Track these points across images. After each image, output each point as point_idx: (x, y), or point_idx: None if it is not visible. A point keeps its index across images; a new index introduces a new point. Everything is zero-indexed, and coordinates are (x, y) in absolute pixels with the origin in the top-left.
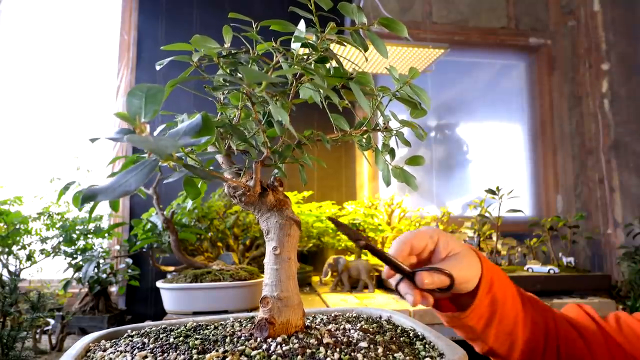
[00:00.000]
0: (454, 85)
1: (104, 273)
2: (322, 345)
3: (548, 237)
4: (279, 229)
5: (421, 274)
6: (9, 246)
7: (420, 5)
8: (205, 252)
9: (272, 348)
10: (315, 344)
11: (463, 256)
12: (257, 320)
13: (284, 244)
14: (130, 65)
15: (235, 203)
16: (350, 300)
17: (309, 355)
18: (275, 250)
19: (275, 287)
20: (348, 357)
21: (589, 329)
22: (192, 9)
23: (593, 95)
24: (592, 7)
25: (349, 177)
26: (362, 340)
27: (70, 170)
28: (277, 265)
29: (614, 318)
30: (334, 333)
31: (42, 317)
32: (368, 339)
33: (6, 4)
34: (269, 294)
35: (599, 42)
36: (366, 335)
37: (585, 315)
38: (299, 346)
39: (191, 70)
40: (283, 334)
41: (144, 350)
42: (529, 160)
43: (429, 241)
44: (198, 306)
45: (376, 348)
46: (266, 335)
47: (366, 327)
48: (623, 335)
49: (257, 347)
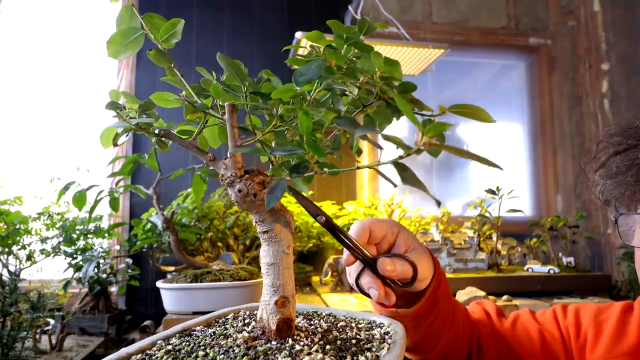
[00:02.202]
0: (454, 85)
1: (104, 273)
2: (318, 344)
3: (548, 237)
4: (284, 229)
5: (384, 260)
6: (9, 246)
7: (420, 5)
8: (205, 252)
9: (296, 347)
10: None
11: (421, 253)
12: (276, 322)
13: (289, 243)
14: (130, 65)
15: (240, 205)
16: (350, 300)
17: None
18: (287, 249)
19: (284, 287)
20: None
21: (484, 326)
22: (192, 9)
23: (593, 95)
24: (592, 7)
25: (349, 177)
26: (352, 338)
27: (70, 170)
28: (288, 265)
29: (512, 317)
30: (328, 331)
31: (42, 317)
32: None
33: (6, 4)
34: (285, 293)
35: (599, 42)
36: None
37: (483, 312)
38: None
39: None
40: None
41: None
42: (529, 160)
43: (388, 231)
44: (198, 306)
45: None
46: (284, 335)
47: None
48: (515, 335)
49: (282, 347)
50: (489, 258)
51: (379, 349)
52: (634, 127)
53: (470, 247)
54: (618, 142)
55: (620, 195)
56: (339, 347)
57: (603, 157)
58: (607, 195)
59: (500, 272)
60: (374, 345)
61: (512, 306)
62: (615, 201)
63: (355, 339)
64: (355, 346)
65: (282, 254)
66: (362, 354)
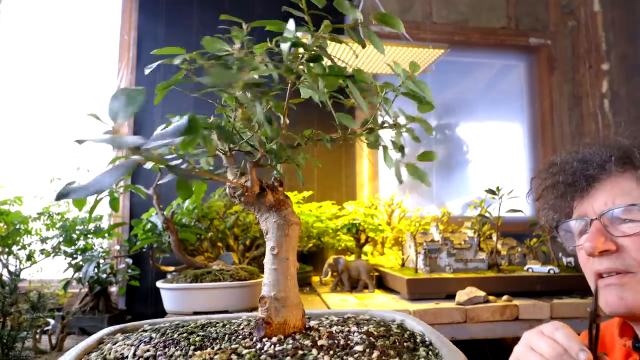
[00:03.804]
0: (454, 85)
1: (104, 273)
2: (315, 347)
3: (548, 237)
4: (277, 229)
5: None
6: (9, 246)
7: (420, 6)
8: (205, 252)
9: (265, 348)
10: (309, 346)
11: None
12: (255, 320)
13: (282, 244)
14: (130, 65)
15: (236, 203)
16: (351, 300)
17: (299, 356)
18: (273, 250)
19: (273, 287)
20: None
21: None
22: (192, 9)
23: (593, 95)
24: (592, 8)
25: (349, 177)
26: (360, 343)
27: (70, 170)
28: (275, 265)
29: None
30: (334, 335)
31: (42, 317)
32: (367, 343)
33: (6, 4)
34: (266, 293)
35: (599, 42)
36: (368, 338)
37: None
38: (292, 347)
39: (182, 74)
40: (280, 334)
41: (148, 345)
42: (529, 160)
43: None
44: (198, 306)
45: (371, 352)
46: (262, 335)
47: (372, 330)
48: None
49: (250, 346)
50: (489, 258)
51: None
52: (555, 163)
53: (470, 247)
54: (544, 177)
55: (558, 217)
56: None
57: (539, 190)
58: (550, 222)
59: (500, 272)
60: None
61: (512, 306)
62: (555, 223)
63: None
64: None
65: (269, 255)
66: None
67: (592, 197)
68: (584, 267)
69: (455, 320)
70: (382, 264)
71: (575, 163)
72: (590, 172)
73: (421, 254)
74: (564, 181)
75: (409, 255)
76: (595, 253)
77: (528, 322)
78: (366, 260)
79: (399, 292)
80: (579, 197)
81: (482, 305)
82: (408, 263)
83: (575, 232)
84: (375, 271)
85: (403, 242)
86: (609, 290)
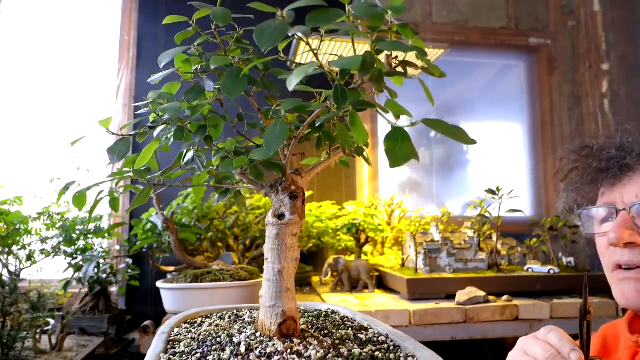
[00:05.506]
0: (454, 85)
1: (104, 273)
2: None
3: (548, 237)
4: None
5: None
6: (9, 246)
7: (420, 6)
8: (205, 252)
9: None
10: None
11: None
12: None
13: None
14: (130, 65)
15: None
16: (351, 300)
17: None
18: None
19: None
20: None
21: None
22: (192, 8)
23: (593, 95)
24: (592, 8)
25: (349, 177)
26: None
27: (70, 170)
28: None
29: None
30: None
31: (42, 317)
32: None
33: (6, 4)
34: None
35: (599, 42)
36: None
37: None
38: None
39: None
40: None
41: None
42: (529, 160)
43: None
44: (198, 306)
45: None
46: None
47: (312, 317)
48: None
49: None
50: (489, 258)
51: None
52: (590, 147)
53: (470, 247)
54: (574, 159)
55: (581, 200)
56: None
57: (565, 170)
58: (571, 204)
59: (500, 272)
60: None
61: (512, 306)
62: (577, 206)
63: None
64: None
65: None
66: None
67: (624, 187)
68: (602, 255)
69: (455, 320)
70: (382, 264)
71: (614, 150)
72: (627, 161)
73: (421, 254)
74: (597, 167)
75: (409, 255)
76: (620, 244)
77: (528, 322)
78: (366, 260)
79: (399, 292)
80: (609, 184)
81: (482, 305)
82: (408, 263)
83: (597, 219)
84: (375, 271)
85: (403, 242)
86: (627, 283)
